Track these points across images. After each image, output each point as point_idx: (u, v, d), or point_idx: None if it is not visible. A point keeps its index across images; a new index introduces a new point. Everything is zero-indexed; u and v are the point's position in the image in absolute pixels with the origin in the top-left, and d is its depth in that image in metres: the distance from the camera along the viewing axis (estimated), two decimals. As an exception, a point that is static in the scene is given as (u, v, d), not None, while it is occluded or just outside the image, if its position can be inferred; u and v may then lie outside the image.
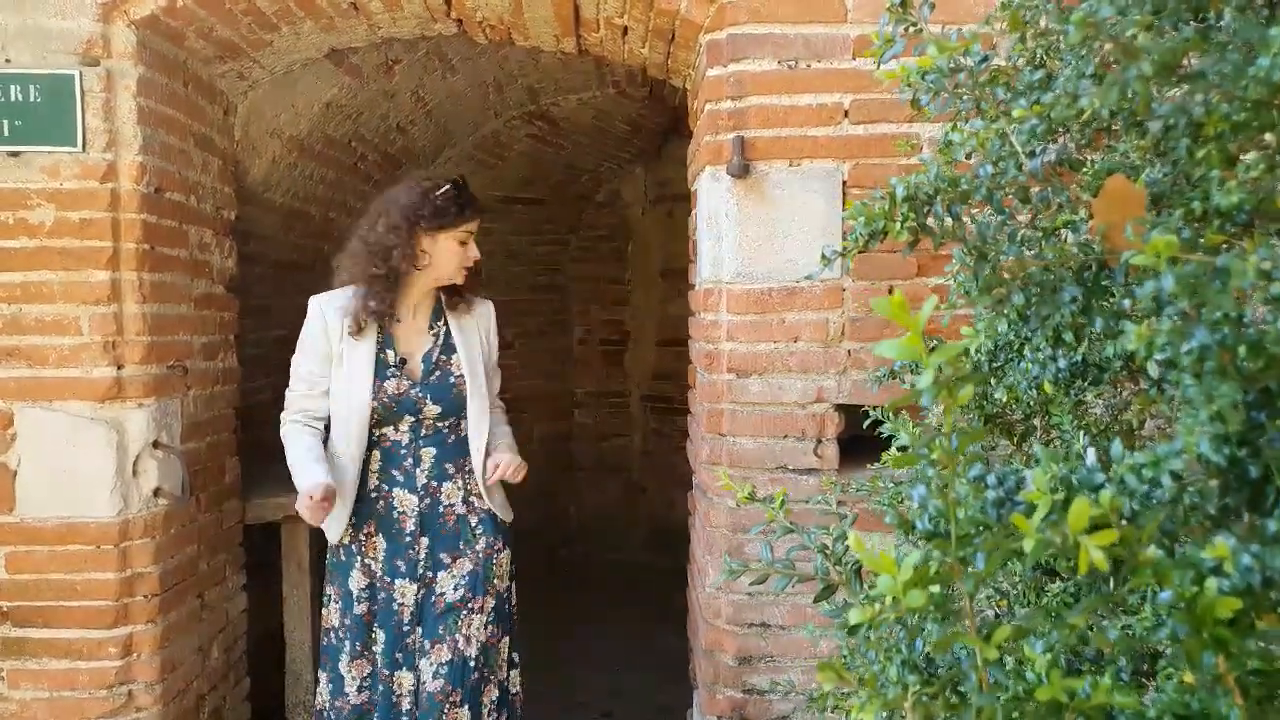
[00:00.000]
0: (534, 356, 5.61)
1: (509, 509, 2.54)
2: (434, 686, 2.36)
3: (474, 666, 2.39)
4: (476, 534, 2.45)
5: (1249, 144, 0.87)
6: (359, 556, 2.41)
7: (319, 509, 2.20)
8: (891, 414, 1.34)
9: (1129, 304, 0.91)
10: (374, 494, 2.41)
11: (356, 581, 2.41)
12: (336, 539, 2.42)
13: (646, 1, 2.47)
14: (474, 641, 2.40)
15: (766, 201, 2.32)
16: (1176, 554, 0.70)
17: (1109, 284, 0.98)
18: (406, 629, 2.40)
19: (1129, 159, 1.08)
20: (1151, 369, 0.82)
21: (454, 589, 2.40)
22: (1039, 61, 1.15)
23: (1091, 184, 1.09)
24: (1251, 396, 0.71)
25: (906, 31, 1.18)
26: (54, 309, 2.44)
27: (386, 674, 2.39)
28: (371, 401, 2.35)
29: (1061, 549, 0.68)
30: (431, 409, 2.40)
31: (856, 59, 2.28)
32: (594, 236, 5.90)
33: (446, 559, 2.41)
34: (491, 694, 2.46)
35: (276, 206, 3.63)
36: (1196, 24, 0.92)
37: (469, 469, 2.45)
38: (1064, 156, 1.06)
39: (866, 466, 1.68)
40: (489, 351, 2.52)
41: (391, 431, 2.41)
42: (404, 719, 2.38)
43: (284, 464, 2.37)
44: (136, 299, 2.47)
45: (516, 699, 2.59)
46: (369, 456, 2.40)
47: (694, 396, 2.79)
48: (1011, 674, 0.79)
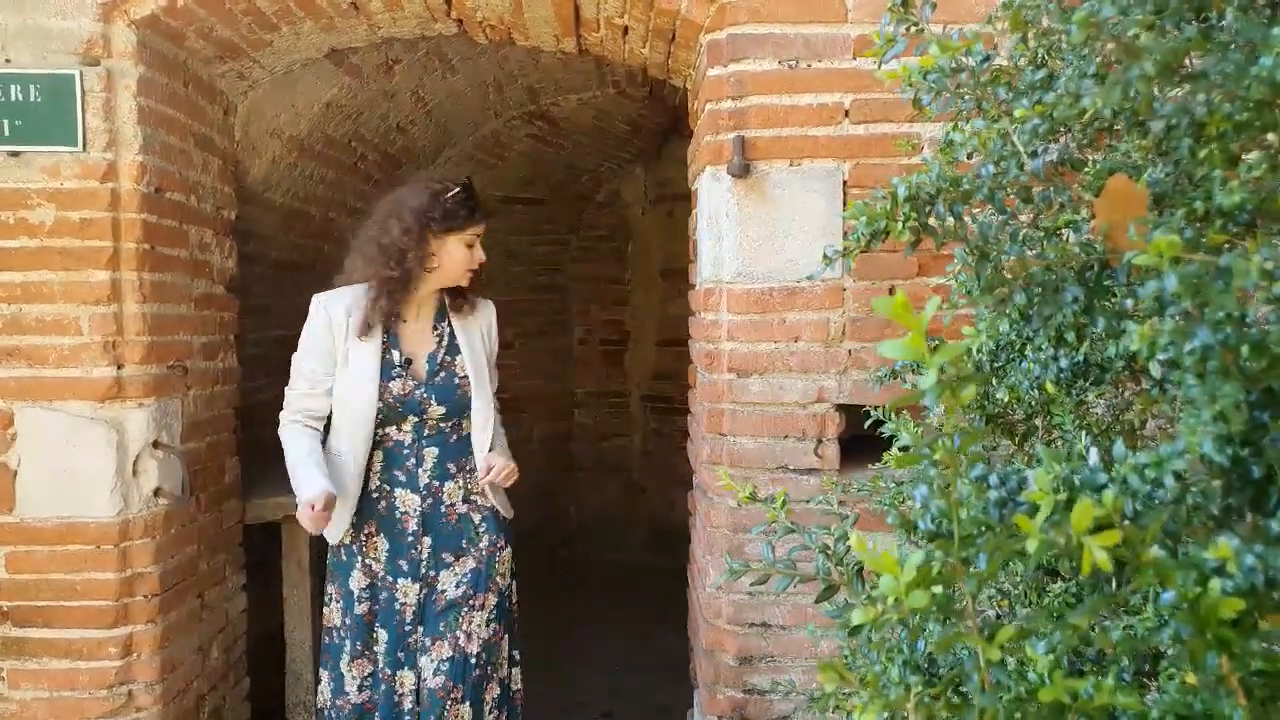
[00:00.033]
0: (534, 356, 5.61)
1: (509, 506, 2.54)
2: (435, 683, 2.36)
3: (475, 664, 2.39)
4: (480, 531, 2.45)
5: (1251, 144, 0.87)
6: (360, 556, 2.41)
7: (320, 518, 2.19)
8: (893, 414, 1.34)
9: (1131, 304, 0.91)
10: (376, 494, 2.41)
11: (357, 581, 2.41)
12: (337, 539, 2.42)
13: (647, 1, 2.46)
14: (475, 638, 2.40)
15: (767, 201, 2.32)
16: (1179, 554, 0.70)
17: (1111, 284, 0.98)
18: (408, 628, 2.40)
19: (1131, 159, 1.08)
20: (1154, 369, 0.82)
21: (455, 586, 2.41)
22: (1041, 61, 1.15)
23: (1093, 184, 1.09)
24: (1254, 396, 0.71)
25: (908, 31, 1.18)
26: (54, 309, 2.43)
27: (388, 673, 2.39)
28: (377, 402, 2.35)
29: (1064, 549, 0.67)
30: (436, 409, 2.40)
31: (857, 59, 2.28)
32: (594, 236, 5.90)
33: (449, 558, 2.42)
34: (493, 691, 2.46)
35: (276, 206, 3.63)
36: (1199, 24, 0.92)
37: (470, 468, 2.45)
38: (1066, 156, 1.06)
39: (868, 466, 1.68)
40: (490, 351, 2.53)
41: (394, 431, 2.41)
42: (406, 718, 2.38)
43: (284, 464, 2.37)
44: (137, 299, 2.47)
45: (517, 696, 2.59)
46: (371, 456, 2.40)
47: (694, 396, 2.79)
48: (1014, 675, 0.79)
